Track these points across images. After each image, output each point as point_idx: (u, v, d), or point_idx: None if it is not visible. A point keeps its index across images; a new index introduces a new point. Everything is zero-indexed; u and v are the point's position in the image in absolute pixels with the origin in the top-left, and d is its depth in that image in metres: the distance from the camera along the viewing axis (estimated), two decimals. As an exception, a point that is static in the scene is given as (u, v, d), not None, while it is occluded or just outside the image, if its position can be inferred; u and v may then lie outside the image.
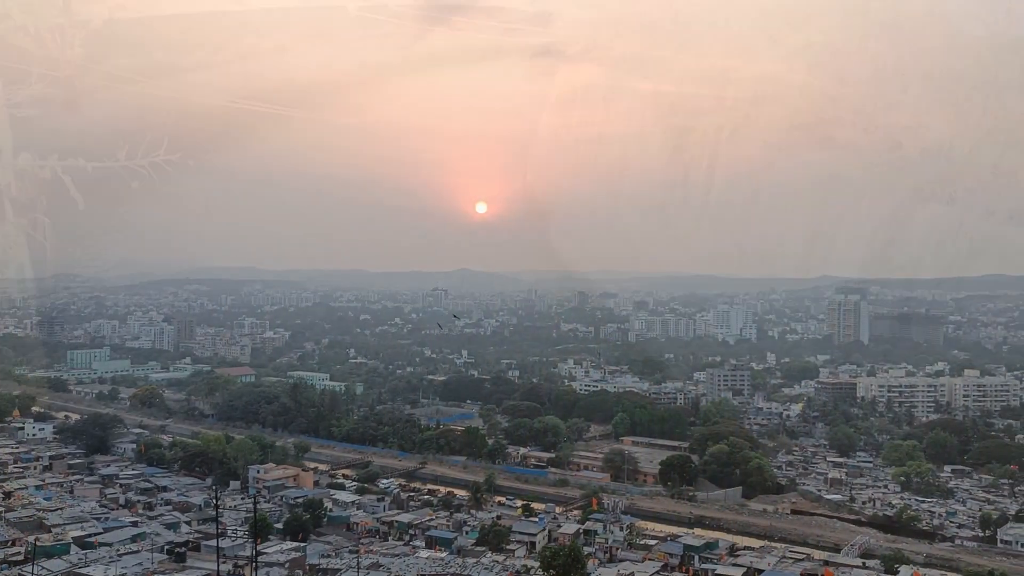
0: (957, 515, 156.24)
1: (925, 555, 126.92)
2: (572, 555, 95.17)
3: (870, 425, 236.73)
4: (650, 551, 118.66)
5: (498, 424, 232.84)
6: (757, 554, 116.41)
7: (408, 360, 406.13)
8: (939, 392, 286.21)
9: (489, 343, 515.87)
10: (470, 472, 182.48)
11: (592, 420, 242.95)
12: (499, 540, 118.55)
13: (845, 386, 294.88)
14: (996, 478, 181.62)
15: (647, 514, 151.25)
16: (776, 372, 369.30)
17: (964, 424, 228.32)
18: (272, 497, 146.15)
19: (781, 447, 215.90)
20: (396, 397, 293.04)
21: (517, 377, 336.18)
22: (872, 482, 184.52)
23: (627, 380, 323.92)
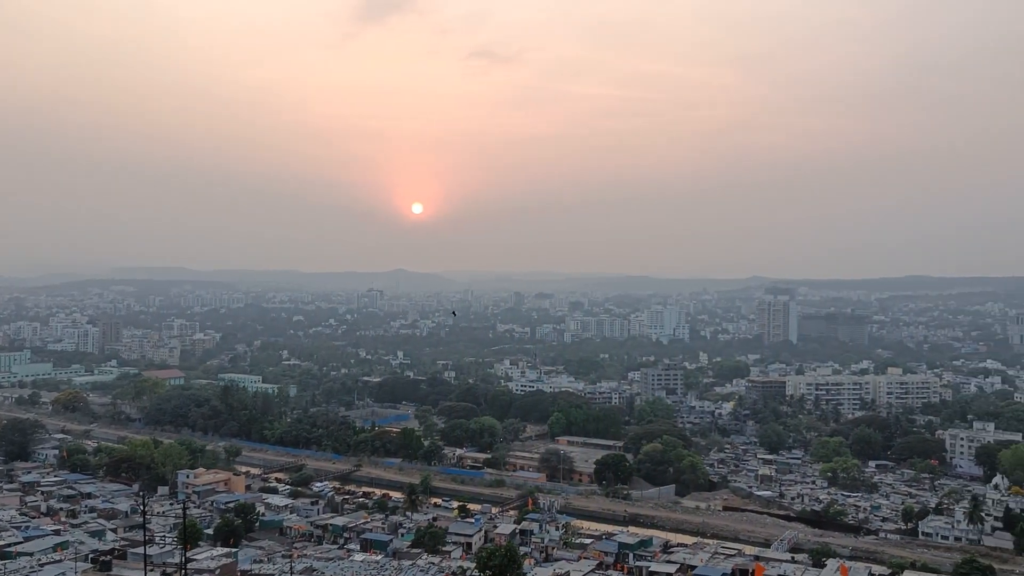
0: (881, 509, 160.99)
1: (851, 548, 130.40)
2: (508, 555, 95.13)
3: (799, 422, 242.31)
4: (585, 550, 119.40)
5: (434, 425, 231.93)
6: (690, 551, 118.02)
7: (343, 361, 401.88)
8: (864, 390, 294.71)
9: (425, 344, 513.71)
10: (406, 474, 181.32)
11: (528, 420, 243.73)
12: (435, 542, 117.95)
13: (775, 384, 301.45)
14: (917, 472, 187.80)
15: (582, 513, 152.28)
16: (708, 371, 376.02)
17: (888, 420, 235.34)
18: (202, 502, 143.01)
19: (713, 445, 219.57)
20: (331, 399, 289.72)
21: (453, 378, 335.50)
22: (801, 478, 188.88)
23: (563, 380, 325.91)
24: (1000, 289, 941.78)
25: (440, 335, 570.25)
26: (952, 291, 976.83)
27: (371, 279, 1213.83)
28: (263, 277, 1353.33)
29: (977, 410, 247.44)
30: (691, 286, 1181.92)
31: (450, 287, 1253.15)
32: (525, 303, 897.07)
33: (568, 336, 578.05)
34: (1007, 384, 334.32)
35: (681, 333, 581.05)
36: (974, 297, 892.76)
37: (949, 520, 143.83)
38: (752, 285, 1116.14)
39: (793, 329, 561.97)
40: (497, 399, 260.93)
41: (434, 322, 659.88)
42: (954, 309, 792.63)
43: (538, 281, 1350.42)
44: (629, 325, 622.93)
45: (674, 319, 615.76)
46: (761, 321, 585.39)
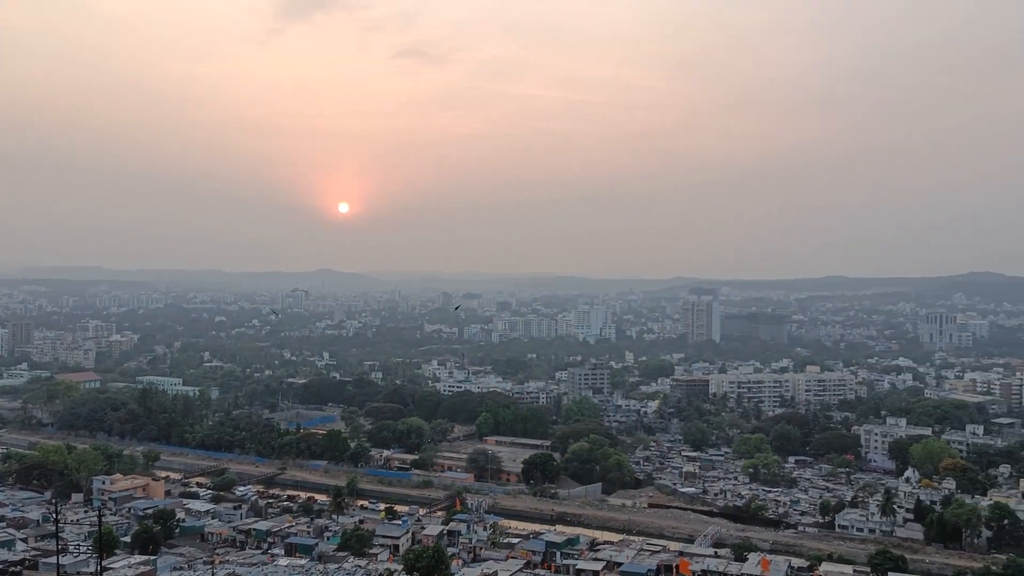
0: (800, 503, 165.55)
1: (772, 542, 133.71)
2: (436, 556, 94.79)
3: (722, 420, 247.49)
4: (513, 549, 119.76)
5: (361, 427, 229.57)
6: (616, 548, 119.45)
7: (267, 363, 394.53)
8: (784, 387, 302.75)
9: (351, 344, 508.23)
10: (332, 476, 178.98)
11: (456, 420, 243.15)
12: (362, 544, 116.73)
13: (698, 383, 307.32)
14: (834, 467, 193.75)
15: (510, 513, 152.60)
16: (634, 370, 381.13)
17: (806, 417, 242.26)
18: (119, 509, 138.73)
19: (639, 443, 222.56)
20: (254, 401, 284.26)
21: (380, 379, 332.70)
22: (723, 474, 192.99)
23: (491, 380, 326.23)
24: (912, 290, 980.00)
25: (367, 336, 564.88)
26: (867, 291, 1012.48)
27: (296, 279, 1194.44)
28: (184, 277, 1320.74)
29: (890, 406, 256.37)
30: (618, 286, 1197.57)
31: (377, 287, 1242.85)
32: (453, 303, 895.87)
33: (496, 336, 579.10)
34: (918, 381, 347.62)
35: (608, 333, 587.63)
36: (887, 297, 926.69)
37: (864, 513, 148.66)
38: (677, 285, 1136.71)
39: (716, 328, 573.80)
40: (425, 400, 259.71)
41: (360, 322, 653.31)
42: (869, 309, 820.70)
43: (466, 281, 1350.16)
44: (556, 325, 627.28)
45: (601, 319, 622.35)
46: (685, 321, 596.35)
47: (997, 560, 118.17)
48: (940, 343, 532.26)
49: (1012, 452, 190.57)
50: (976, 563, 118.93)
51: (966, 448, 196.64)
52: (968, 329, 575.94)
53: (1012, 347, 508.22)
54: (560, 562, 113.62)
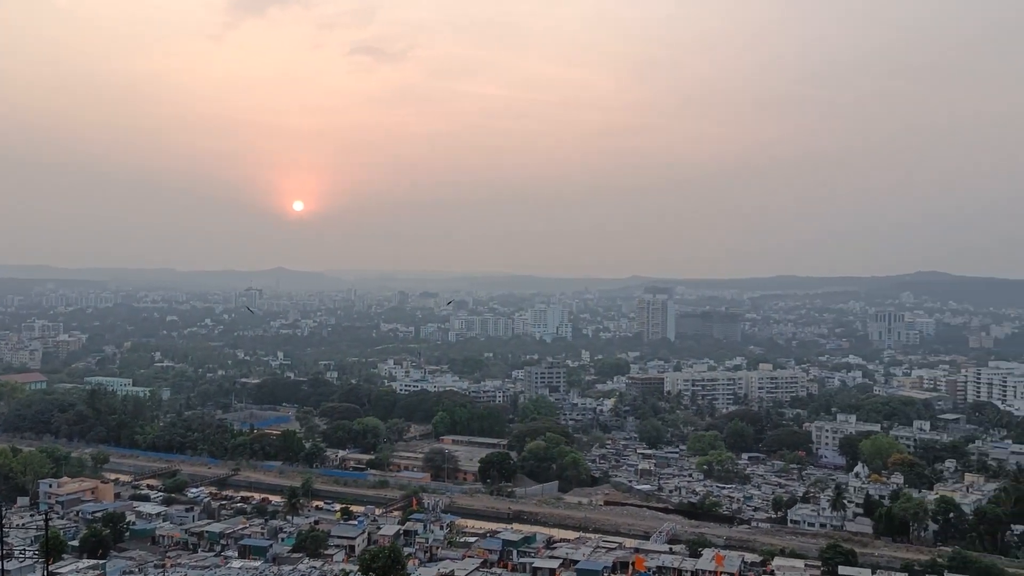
0: (753, 499, 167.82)
1: (725, 538, 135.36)
2: (392, 556, 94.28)
3: (676, 417, 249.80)
4: (470, 548, 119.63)
5: (316, 427, 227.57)
6: (573, 545, 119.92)
7: (220, 363, 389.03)
8: (737, 385, 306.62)
9: (306, 344, 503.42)
10: (286, 477, 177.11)
11: (412, 420, 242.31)
12: (317, 545, 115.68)
13: (654, 381, 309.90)
14: (786, 463, 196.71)
15: (467, 512, 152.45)
16: (590, 369, 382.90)
17: (759, 414, 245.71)
18: (66, 513, 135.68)
19: (595, 441, 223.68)
20: (207, 402, 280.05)
21: (336, 378, 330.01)
22: (678, 471, 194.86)
23: (447, 379, 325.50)
24: (861, 289, 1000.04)
25: (322, 335, 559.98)
26: (818, 290, 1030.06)
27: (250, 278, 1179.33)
28: (135, 275, 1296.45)
29: (840, 403, 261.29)
30: (574, 285, 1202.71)
31: (333, 286, 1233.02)
32: (409, 302, 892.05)
33: (453, 335, 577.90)
34: (867, 378, 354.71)
35: (564, 331, 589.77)
36: (838, 296, 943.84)
37: (815, 508, 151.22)
38: (632, 284, 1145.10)
39: (671, 327, 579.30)
40: (381, 399, 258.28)
41: (316, 322, 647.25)
42: (820, 307, 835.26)
43: (423, 280, 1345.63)
44: (513, 324, 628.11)
45: (557, 318, 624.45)
46: (641, 319, 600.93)
47: (943, 552, 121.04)
48: (889, 341, 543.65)
49: (957, 447, 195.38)
50: (923, 556, 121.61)
51: (913, 443, 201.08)
52: (915, 327, 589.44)
53: (957, 344, 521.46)
54: (517, 560, 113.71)
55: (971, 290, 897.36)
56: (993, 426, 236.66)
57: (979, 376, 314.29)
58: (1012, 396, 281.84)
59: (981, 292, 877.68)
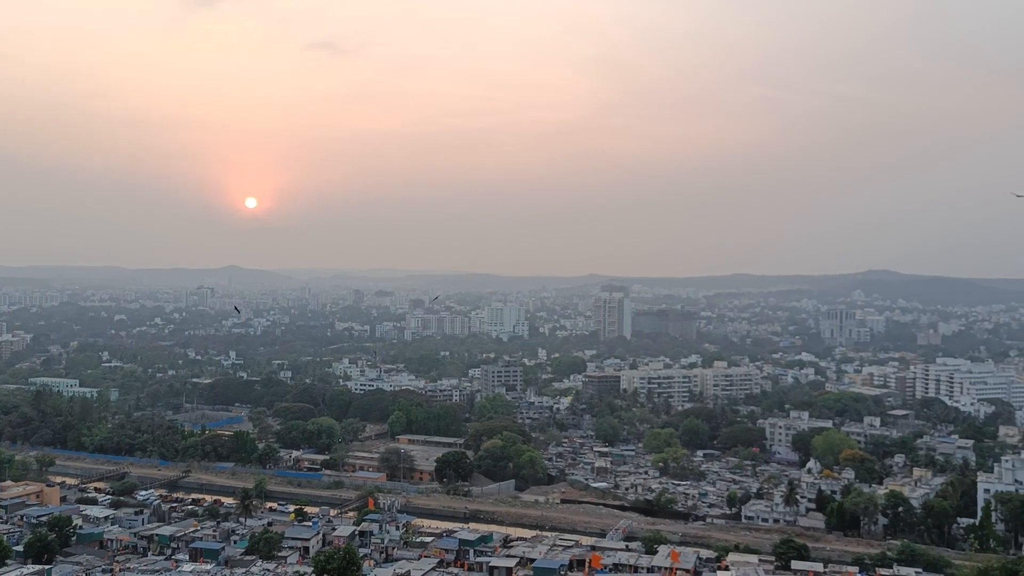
0: (708, 495, 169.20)
1: (681, 534, 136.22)
2: (347, 557, 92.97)
3: (632, 415, 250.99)
4: (426, 548, 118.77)
5: (269, 427, 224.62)
6: (529, 544, 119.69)
7: (170, 363, 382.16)
8: (693, 382, 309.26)
9: (259, 343, 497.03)
10: (239, 478, 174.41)
11: (368, 419, 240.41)
12: (270, 547, 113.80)
13: (610, 379, 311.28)
14: (741, 460, 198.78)
15: (423, 511, 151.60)
16: (547, 367, 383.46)
17: (714, 411, 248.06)
18: (10, 517, 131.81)
19: (552, 439, 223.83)
20: (157, 403, 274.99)
21: (290, 378, 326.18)
22: (634, 469, 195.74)
23: (403, 378, 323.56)
24: (814, 287, 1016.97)
25: (275, 334, 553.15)
26: (772, 289, 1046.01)
27: (201, 276, 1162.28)
28: (82, 274, 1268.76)
29: (793, 400, 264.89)
30: (531, 284, 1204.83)
31: (287, 284, 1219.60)
32: (365, 301, 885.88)
33: (409, 334, 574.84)
34: (820, 375, 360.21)
35: (521, 330, 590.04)
36: (791, 294, 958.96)
37: (769, 504, 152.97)
38: (589, 283, 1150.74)
39: (627, 325, 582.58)
40: (336, 399, 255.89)
41: (269, 321, 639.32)
42: (774, 305, 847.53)
43: (379, 279, 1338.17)
44: (470, 323, 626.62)
45: (514, 316, 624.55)
46: (597, 317, 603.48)
47: (892, 546, 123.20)
48: (840, 338, 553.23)
49: (906, 442, 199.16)
50: (873, 549, 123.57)
51: (864, 439, 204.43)
52: (866, 325, 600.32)
53: (906, 342, 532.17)
54: (473, 560, 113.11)
55: (920, 289, 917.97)
56: (940, 421, 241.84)
57: (927, 373, 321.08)
58: (959, 392, 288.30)
59: (929, 291, 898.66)
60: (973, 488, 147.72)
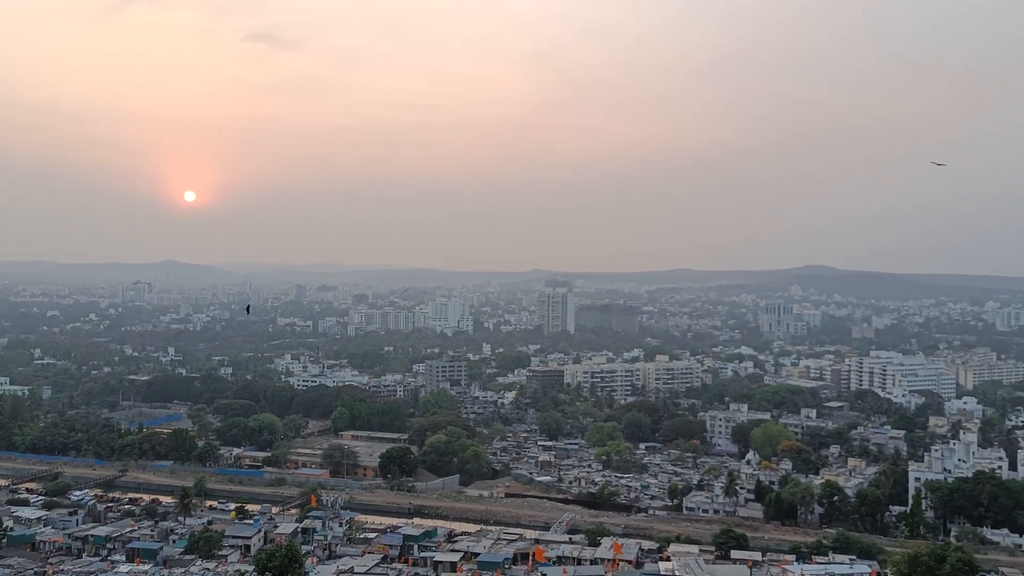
0: (650, 488, 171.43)
1: (624, 526, 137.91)
2: (289, 555, 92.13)
3: (576, 409, 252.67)
4: (370, 544, 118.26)
5: (209, 424, 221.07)
6: (474, 538, 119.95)
7: (106, 360, 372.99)
8: (635, 376, 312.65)
9: (199, 339, 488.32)
10: (178, 477, 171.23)
11: (311, 416, 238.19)
12: (210, 546, 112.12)
13: (554, 373, 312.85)
14: (682, 452, 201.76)
15: (367, 508, 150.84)
16: (491, 362, 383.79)
17: (656, 405, 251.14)
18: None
19: (496, 434, 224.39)
20: (91, 400, 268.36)
21: (230, 374, 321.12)
22: (578, 462, 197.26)
23: (347, 374, 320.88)
24: (753, 282, 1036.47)
25: (215, 330, 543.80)
26: (712, 284, 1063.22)
27: (138, 271, 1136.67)
28: (12, 268, 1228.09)
29: (733, 393, 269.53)
30: (475, 279, 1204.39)
31: (227, 279, 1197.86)
32: (307, 296, 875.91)
33: (352, 329, 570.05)
34: (758, 368, 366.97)
35: (465, 325, 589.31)
36: (731, 289, 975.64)
37: (709, 495, 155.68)
38: (533, 278, 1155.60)
39: (571, 320, 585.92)
40: (278, 395, 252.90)
41: (209, 316, 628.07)
42: (714, 300, 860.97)
43: (321, 274, 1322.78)
44: (414, 318, 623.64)
45: (458, 311, 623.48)
46: (541, 312, 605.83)
47: (828, 534, 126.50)
48: (778, 332, 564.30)
49: (841, 433, 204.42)
50: (810, 538, 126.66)
51: (801, 431, 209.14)
52: (803, 319, 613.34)
53: (841, 335, 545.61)
54: (418, 555, 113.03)
55: (854, 284, 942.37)
56: (874, 413, 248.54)
57: (861, 365, 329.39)
58: (891, 384, 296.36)
59: (863, 286, 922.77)
60: (904, 477, 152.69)
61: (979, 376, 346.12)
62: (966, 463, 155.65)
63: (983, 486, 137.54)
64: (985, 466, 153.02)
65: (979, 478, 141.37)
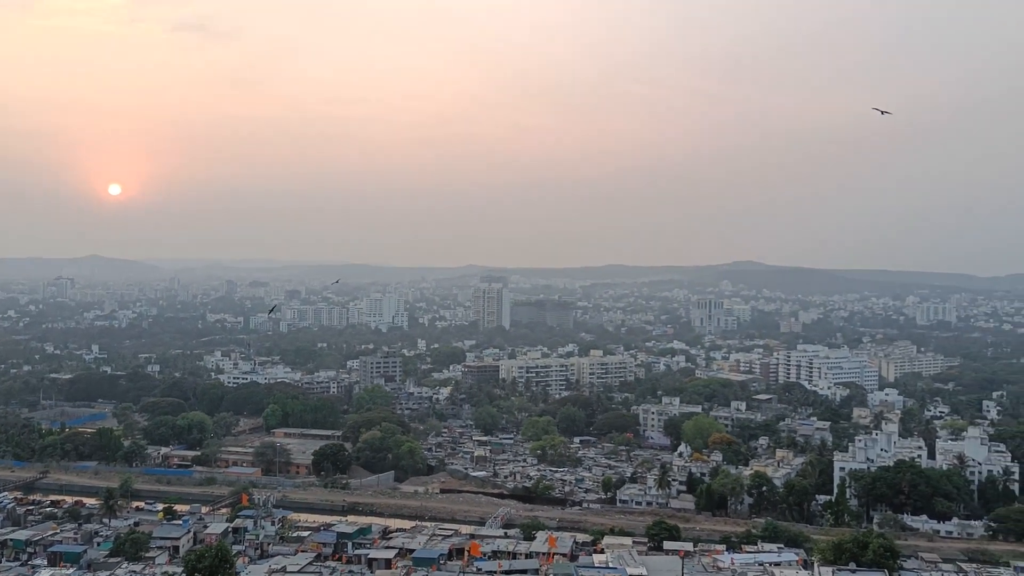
0: (585, 481, 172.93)
1: (558, 519, 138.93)
2: (219, 555, 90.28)
3: (511, 404, 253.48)
4: (303, 543, 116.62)
5: (136, 424, 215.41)
6: (409, 535, 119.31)
7: (25, 357, 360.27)
8: (570, 371, 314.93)
9: (125, 336, 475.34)
10: (103, 478, 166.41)
11: (242, 414, 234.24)
12: (137, 548, 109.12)
13: (489, 369, 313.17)
14: (616, 445, 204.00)
15: (301, 506, 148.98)
16: (427, 357, 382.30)
17: (590, 399, 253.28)
18: None
19: (431, 430, 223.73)
20: (10, 400, 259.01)
21: (158, 372, 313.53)
22: (513, 457, 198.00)
23: (279, 371, 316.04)
24: (684, 277, 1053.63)
25: (142, 327, 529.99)
26: (645, 279, 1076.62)
27: (60, 266, 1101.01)
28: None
29: (665, 386, 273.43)
30: (410, 274, 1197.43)
31: (154, 275, 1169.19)
32: (238, 292, 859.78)
33: (284, 325, 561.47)
34: (690, 362, 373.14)
35: (400, 321, 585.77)
36: (663, 284, 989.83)
37: (642, 487, 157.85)
38: (469, 273, 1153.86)
39: (506, 315, 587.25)
40: (207, 393, 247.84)
41: (135, 313, 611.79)
42: (647, 295, 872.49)
43: (253, 269, 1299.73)
44: (348, 313, 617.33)
45: (393, 307, 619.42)
46: (476, 308, 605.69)
47: (757, 523, 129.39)
48: (709, 327, 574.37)
49: (769, 425, 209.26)
50: (740, 528, 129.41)
51: (731, 423, 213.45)
52: (733, 314, 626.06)
53: (769, 329, 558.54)
54: (352, 552, 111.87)
55: (782, 279, 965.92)
56: (800, 405, 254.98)
57: (788, 359, 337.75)
58: (817, 376, 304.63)
59: (791, 281, 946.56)
60: (830, 467, 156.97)
61: (900, 368, 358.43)
62: (888, 452, 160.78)
63: (904, 474, 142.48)
64: (905, 455, 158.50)
65: (900, 467, 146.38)
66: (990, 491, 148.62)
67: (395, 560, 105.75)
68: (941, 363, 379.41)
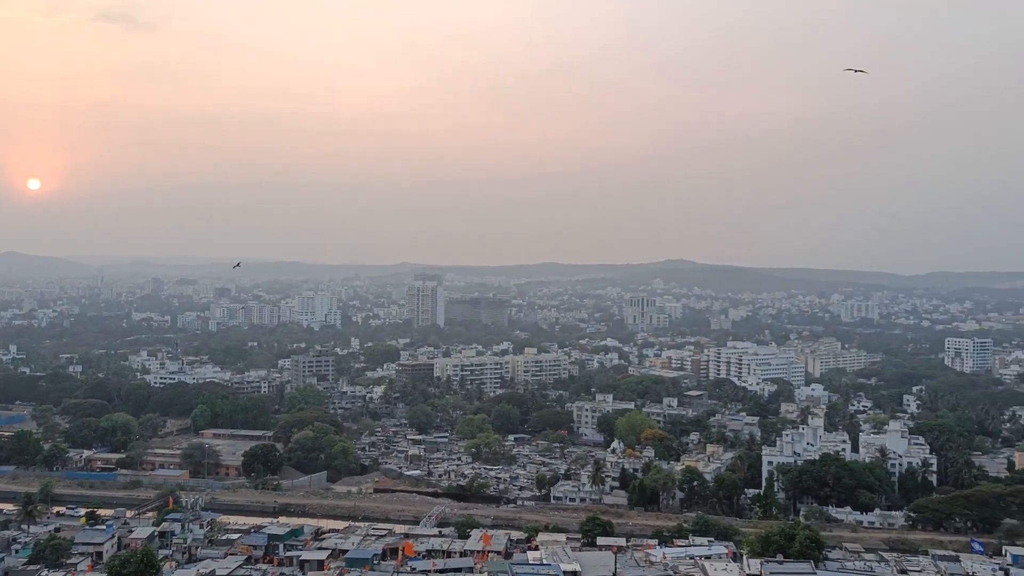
0: (519, 479, 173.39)
1: (493, 517, 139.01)
2: (145, 560, 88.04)
3: (446, 402, 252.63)
4: (233, 545, 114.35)
5: (57, 426, 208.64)
6: (342, 535, 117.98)
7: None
8: (504, 369, 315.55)
9: (45, 336, 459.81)
10: (21, 483, 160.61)
11: (169, 415, 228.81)
12: (58, 555, 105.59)
13: (423, 367, 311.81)
14: (550, 442, 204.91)
15: (230, 508, 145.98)
16: (360, 356, 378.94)
17: (525, 396, 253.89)
18: None
19: (365, 429, 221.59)
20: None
21: (80, 372, 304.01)
22: (448, 455, 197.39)
23: (208, 370, 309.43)
24: (617, 276, 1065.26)
25: (63, 326, 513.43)
26: (579, 277, 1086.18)
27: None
28: None
29: (599, 384, 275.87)
30: (343, 272, 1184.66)
31: (76, 272, 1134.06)
32: (165, 290, 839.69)
33: (213, 324, 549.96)
34: (623, 359, 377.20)
35: (333, 319, 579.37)
36: (597, 283, 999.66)
37: (576, 484, 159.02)
38: (402, 271, 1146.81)
39: (441, 313, 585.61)
40: (133, 393, 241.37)
41: (56, 311, 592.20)
42: (581, 293, 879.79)
43: (181, 267, 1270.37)
44: (279, 312, 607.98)
45: (326, 305, 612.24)
46: (411, 306, 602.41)
47: (688, 518, 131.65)
48: (642, 324, 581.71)
49: (700, 421, 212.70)
50: (671, 522, 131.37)
51: (663, 419, 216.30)
52: (665, 311, 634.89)
53: (700, 326, 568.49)
54: (284, 554, 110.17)
55: (713, 277, 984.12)
56: (730, 400, 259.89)
57: (719, 355, 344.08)
58: (746, 372, 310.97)
59: (721, 279, 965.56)
60: (758, 461, 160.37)
61: (825, 364, 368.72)
62: (813, 446, 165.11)
63: (829, 467, 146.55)
64: (830, 449, 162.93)
65: (825, 460, 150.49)
66: (910, 482, 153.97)
67: (328, 561, 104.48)
68: (864, 359, 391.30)
